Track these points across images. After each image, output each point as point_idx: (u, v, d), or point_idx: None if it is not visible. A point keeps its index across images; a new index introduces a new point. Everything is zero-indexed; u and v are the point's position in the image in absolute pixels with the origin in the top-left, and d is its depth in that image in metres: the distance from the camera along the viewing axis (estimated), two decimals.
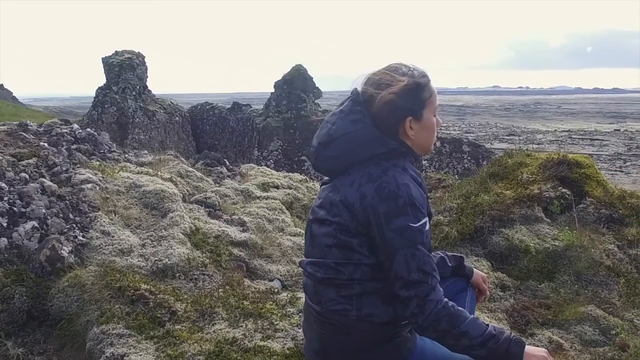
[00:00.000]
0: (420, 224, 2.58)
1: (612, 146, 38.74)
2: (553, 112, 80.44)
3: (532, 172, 6.57)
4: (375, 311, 2.69)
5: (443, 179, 7.75)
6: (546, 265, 5.53)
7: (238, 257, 4.71)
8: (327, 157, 2.82)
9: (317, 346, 2.88)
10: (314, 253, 2.84)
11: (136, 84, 22.47)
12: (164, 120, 22.84)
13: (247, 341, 3.54)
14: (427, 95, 2.80)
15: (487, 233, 5.78)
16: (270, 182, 6.39)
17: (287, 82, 21.87)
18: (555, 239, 5.73)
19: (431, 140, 2.90)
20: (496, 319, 4.77)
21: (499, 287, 5.26)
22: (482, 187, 6.43)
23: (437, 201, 6.56)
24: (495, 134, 47.08)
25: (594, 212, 6.20)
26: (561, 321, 4.89)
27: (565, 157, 6.65)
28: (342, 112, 2.81)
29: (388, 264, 2.59)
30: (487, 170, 6.86)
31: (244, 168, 7.08)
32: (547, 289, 5.31)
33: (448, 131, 46.00)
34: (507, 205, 6.04)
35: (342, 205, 2.67)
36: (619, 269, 5.57)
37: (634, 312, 5.14)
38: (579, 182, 6.45)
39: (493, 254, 5.67)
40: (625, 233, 5.99)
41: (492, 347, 2.57)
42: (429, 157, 19.90)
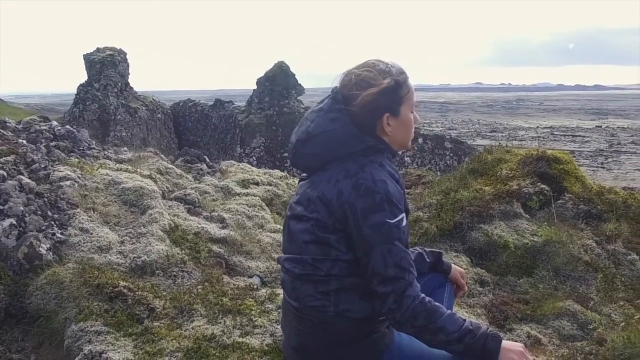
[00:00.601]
0: (397, 219, 2.59)
1: (593, 142, 39.00)
2: (535, 108, 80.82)
3: (511, 168, 6.60)
4: (353, 307, 2.70)
5: (423, 175, 7.78)
6: (525, 260, 5.56)
7: (217, 254, 4.70)
8: (305, 154, 2.83)
9: (295, 342, 2.89)
10: (291, 249, 2.85)
11: (118, 80, 22.40)
12: (146, 117, 22.80)
13: (225, 338, 3.54)
14: (404, 92, 2.81)
15: (466, 229, 5.81)
16: (250, 179, 6.38)
17: (269, 79, 21.88)
18: (534, 235, 5.76)
19: (409, 136, 2.91)
20: (475, 315, 4.79)
21: (478, 282, 5.28)
22: (462, 183, 6.46)
23: (416, 197, 6.59)
24: (477, 130, 47.27)
25: (572, 207, 6.25)
26: (539, 316, 4.92)
27: (544, 153, 6.69)
28: (322, 110, 2.81)
29: (365, 260, 2.60)
30: (467, 167, 6.89)
31: (224, 165, 7.07)
32: (525, 284, 5.34)
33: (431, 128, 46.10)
34: (487, 201, 6.07)
35: (320, 201, 2.68)
36: (597, 264, 5.61)
37: (612, 306, 5.17)
38: (558, 178, 6.49)
39: (472, 250, 5.70)
40: (604, 228, 6.04)
41: (469, 342, 2.59)
42: (411, 153, 19.97)
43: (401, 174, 7.10)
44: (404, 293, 2.56)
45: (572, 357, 4.39)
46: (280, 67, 22.19)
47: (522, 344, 2.85)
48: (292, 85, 21.83)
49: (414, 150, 19.96)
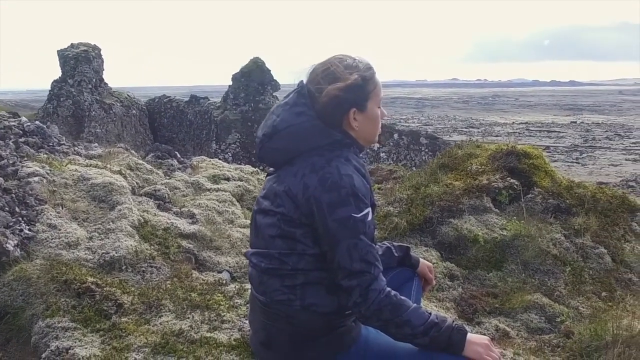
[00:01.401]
0: (362, 214, 2.60)
1: (568, 138, 39.24)
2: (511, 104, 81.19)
3: (481, 163, 6.64)
4: (319, 301, 2.71)
5: (394, 171, 7.81)
6: (494, 254, 5.61)
7: (187, 249, 4.70)
8: (271, 149, 2.83)
9: (262, 336, 2.89)
10: (258, 244, 2.85)
11: (92, 76, 22.24)
12: (120, 113, 22.67)
13: (193, 333, 3.54)
14: (371, 87, 2.81)
15: (436, 223, 5.84)
16: (221, 175, 6.37)
17: (244, 75, 21.81)
18: (504, 229, 5.81)
19: (375, 131, 2.91)
20: (444, 308, 4.82)
21: (448, 276, 5.32)
22: (432, 178, 6.49)
23: (387, 192, 6.60)
24: (453, 126, 47.42)
25: (541, 202, 6.30)
26: (508, 309, 4.96)
27: (514, 148, 6.74)
28: (287, 104, 2.82)
29: (331, 254, 2.60)
30: (437, 162, 6.92)
31: (195, 160, 7.05)
32: (495, 278, 5.39)
33: (407, 124, 46.26)
34: (457, 195, 6.11)
35: (286, 195, 2.68)
36: (565, 257, 5.67)
37: (579, 299, 5.23)
38: (528, 172, 6.54)
39: (442, 244, 5.73)
40: (572, 222, 6.10)
41: (435, 335, 2.60)
42: (387, 149, 20.00)
43: (373, 168, 7.11)
44: (370, 287, 2.57)
45: (540, 349, 4.43)
46: (255, 62, 22.13)
47: (487, 336, 2.88)
48: (267, 81, 21.78)
49: (390, 146, 20.00)
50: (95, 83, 22.33)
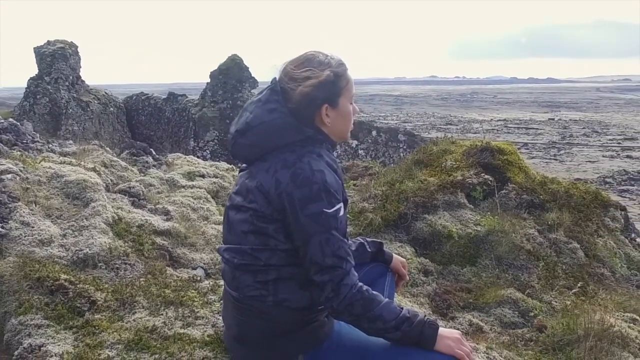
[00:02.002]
0: (334, 209, 2.62)
1: (546, 135, 39.43)
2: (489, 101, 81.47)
3: (456, 159, 6.69)
4: (292, 296, 2.73)
5: (370, 167, 7.84)
6: (468, 250, 5.66)
7: (161, 246, 4.68)
8: (243, 145, 2.84)
9: (235, 332, 2.91)
10: (231, 239, 2.86)
11: (69, 74, 22.11)
12: (98, 111, 22.54)
13: (167, 329, 3.53)
14: (343, 83, 2.84)
15: (410, 219, 5.87)
16: (196, 171, 6.36)
17: (222, 72, 21.75)
18: (478, 225, 5.86)
19: (347, 127, 2.94)
20: (418, 304, 4.85)
21: (422, 272, 5.35)
22: (407, 174, 6.52)
23: (362, 188, 6.63)
24: (432, 123, 47.53)
25: (515, 197, 6.35)
26: (482, 304, 5.01)
27: (489, 144, 6.79)
28: (260, 100, 2.84)
29: (303, 249, 2.63)
30: (412, 158, 6.96)
31: (170, 157, 7.04)
32: (469, 273, 5.43)
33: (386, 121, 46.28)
34: (431, 191, 6.15)
35: (258, 191, 2.70)
36: (538, 252, 5.72)
37: (552, 294, 5.28)
38: (502, 168, 6.60)
39: (417, 240, 5.77)
40: (546, 218, 6.16)
41: (406, 329, 2.63)
42: (365, 146, 20.04)
43: (348, 165, 7.14)
44: (342, 282, 2.59)
45: (513, 343, 4.47)
46: (233, 60, 22.06)
47: (459, 330, 2.91)
48: (245, 78, 21.73)
49: (368, 143, 20.04)
50: (72, 80, 22.20)
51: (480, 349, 4.09)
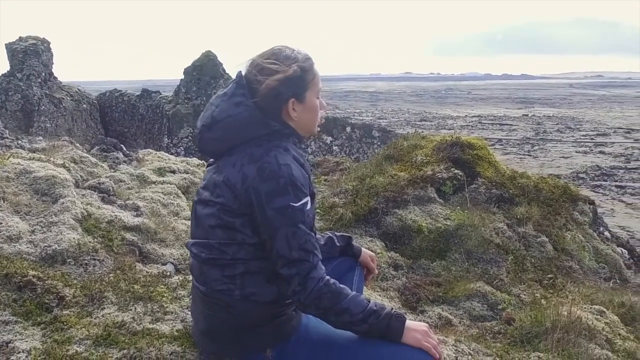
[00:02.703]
0: (301, 203, 2.63)
1: (520, 131, 39.66)
2: (464, 97, 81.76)
3: (426, 154, 6.73)
4: (259, 290, 2.74)
5: (341, 162, 7.86)
6: (438, 244, 5.69)
7: (131, 242, 4.67)
8: (210, 139, 2.85)
9: (203, 326, 2.92)
10: (198, 234, 2.87)
11: (41, 70, 21.91)
12: (71, 107, 22.37)
13: (135, 324, 3.52)
14: (310, 78, 2.85)
15: (381, 214, 5.90)
16: (166, 167, 6.34)
17: (196, 69, 21.67)
18: (447, 219, 5.90)
19: (314, 121, 2.95)
20: (388, 297, 4.88)
21: (392, 266, 5.38)
22: (378, 169, 6.55)
23: (333, 184, 6.65)
24: (407, 119, 47.62)
25: (485, 192, 6.41)
26: (451, 298, 5.04)
27: (459, 139, 6.84)
28: (226, 94, 2.84)
29: (270, 243, 2.63)
30: (383, 153, 7.00)
31: (140, 153, 7.01)
32: (438, 267, 5.47)
33: (361, 117, 46.36)
34: (401, 186, 6.18)
35: (225, 186, 2.71)
36: (507, 246, 5.78)
37: (521, 287, 5.34)
38: (471, 163, 6.65)
39: (387, 234, 5.79)
40: (515, 212, 6.22)
41: (373, 322, 2.65)
42: (339, 142, 20.07)
43: (319, 160, 7.16)
44: (308, 275, 2.61)
45: (481, 336, 4.51)
46: (207, 56, 21.97)
47: (426, 323, 2.93)
48: (219, 75, 21.63)
49: (342, 139, 20.08)
50: (44, 77, 22.01)
51: (448, 341, 4.12)
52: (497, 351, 4.15)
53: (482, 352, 4.12)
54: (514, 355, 4.13)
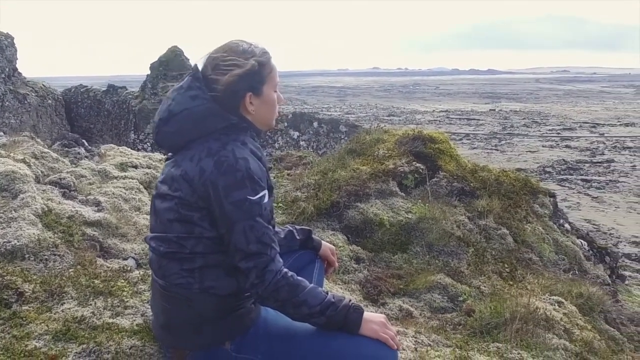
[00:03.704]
0: (258, 196, 2.65)
1: (487, 125, 39.95)
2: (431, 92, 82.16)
3: (388, 148, 6.77)
4: (218, 283, 2.75)
5: (304, 157, 7.87)
6: (400, 237, 5.73)
7: (92, 237, 4.65)
8: (167, 133, 2.85)
9: (162, 320, 2.92)
10: (157, 228, 2.87)
11: (5, 66, 21.63)
12: (35, 103, 22.12)
13: (95, 319, 3.52)
14: (267, 71, 2.86)
15: (343, 208, 5.93)
16: (128, 162, 6.31)
17: (162, 64, 21.54)
18: (409, 212, 5.94)
19: (272, 115, 2.97)
20: (349, 290, 4.91)
21: (354, 259, 5.41)
22: (340, 164, 6.58)
23: (296, 178, 6.67)
24: (375, 114, 47.74)
25: (446, 185, 6.47)
26: (412, 290, 5.09)
27: (420, 133, 6.90)
28: (182, 87, 2.85)
29: (228, 236, 2.65)
30: (346, 147, 7.04)
31: (103, 148, 6.96)
32: (400, 260, 5.51)
33: (329, 112, 46.40)
34: (363, 180, 6.21)
35: (183, 179, 2.71)
36: (468, 239, 5.84)
37: (481, 279, 5.40)
38: (433, 156, 6.71)
39: (349, 228, 5.82)
40: (476, 205, 6.28)
41: (331, 314, 2.67)
42: (307, 137, 20.08)
43: (283, 155, 7.17)
44: (266, 268, 2.63)
45: (442, 328, 4.57)
46: (174, 51, 21.85)
47: (384, 315, 2.96)
48: (186, 70, 21.45)
49: (310, 135, 20.09)
50: (8, 73, 21.72)
51: (408, 333, 4.16)
52: (457, 342, 4.20)
53: (442, 343, 4.17)
54: (473, 345, 4.18)
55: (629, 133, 35.35)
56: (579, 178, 22.06)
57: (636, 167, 24.38)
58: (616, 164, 25.08)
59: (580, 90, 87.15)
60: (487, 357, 3.97)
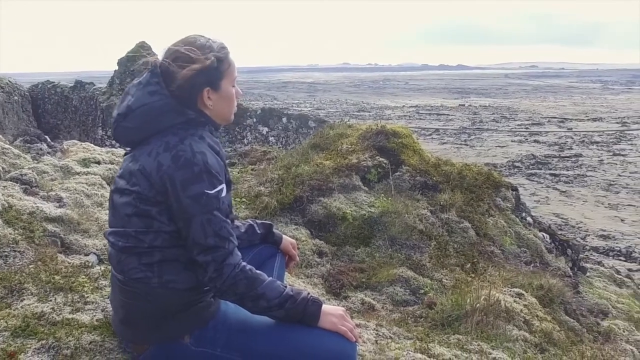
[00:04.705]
0: (216, 190, 2.66)
1: (457, 121, 40.19)
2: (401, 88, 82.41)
3: (351, 142, 6.80)
4: (177, 277, 2.76)
5: (268, 152, 7.88)
6: (363, 231, 5.77)
7: (53, 233, 4.62)
8: (125, 128, 2.85)
9: (121, 315, 2.92)
10: (115, 223, 2.87)
11: None
12: (1, 100, 21.84)
13: (55, 315, 3.51)
14: (225, 67, 2.87)
15: (306, 202, 5.95)
16: (91, 158, 6.28)
17: (130, 59, 21.37)
18: (372, 206, 5.98)
19: (230, 110, 2.98)
20: (312, 284, 4.93)
21: (317, 253, 5.44)
22: (304, 158, 6.60)
23: (260, 173, 6.67)
24: (345, 110, 47.80)
25: (409, 179, 6.52)
26: (374, 283, 5.12)
27: (384, 128, 6.94)
28: (140, 83, 2.85)
29: (186, 230, 2.66)
30: (309, 142, 7.06)
31: (65, 144, 6.92)
32: (362, 253, 5.54)
33: (299, 108, 46.39)
34: (327, 175, 6.24)
35: (141, 174, 2.71)
36: (431, 232, 5.89)
37: (443, 272, 5.45)
38: (396, 151, 6.75)
39: (312, 222, 5.85)
40: (439, 198, 6.34)
41: (290, 307, 2.70)
42: (275, 133, 20.07)
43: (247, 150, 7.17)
44: (224, 262, 2.64)
45: (403, 320, 4.61)
46: (142, 47, 21.65)
47: (342, 307, 2.99)
48: None
49: (279, 130, 20.09)
50: None
51: (370, 326, 4.19)
52: (418, 334, 4.24)
53: (403, 335, 4.21)
54: (434, 337, 4.22)
55: (596, 128, 35.77)
56: (547, 172, 22.31)
57: (603, 161, 24.71)
58: (584, 158, 25.40)
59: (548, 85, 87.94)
60: (448, 348, 4.01)
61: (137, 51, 21.64)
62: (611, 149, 27.96)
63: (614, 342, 5.35)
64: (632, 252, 13.45)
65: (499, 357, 4.02)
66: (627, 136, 32.39)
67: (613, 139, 31.51)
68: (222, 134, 18.67)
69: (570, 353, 4.59)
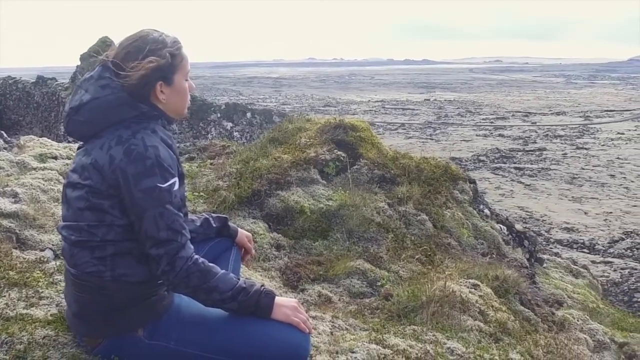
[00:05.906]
0: (168, 184, 2.66)
1: (422, 115, 40.45)
2: (367, 83, 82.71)
3: (310, 136, 6.82)
4: (130, 271, 2.76)
5: (227, 146, 7.86)
6: (320, 224, 5.80)
7: (8, 229, 4.60)
8: (77, 122, 2.84)
9: (75, 308, 2.91)
10: (68, 217, 2.86)
11: None
12: None
13: (9, 310, 3.50)
14: (178, 61, 2.87)
15: (264, 196, 5.96)
16: (48, 153, 6.24)
17: (93, 55, 21.19)
18: (330, 200, 6.01)
19: (183, 103, 2.98)
20: (269, 277, 4.95)
21: (274, 247, 5.45)
22: (262, 152, 6.61)
23: (218, 167, 6.67)
24: (311, 105, 47.87)
25: (367, 172, 6.57)
26: (331, 276, 5.16)
27: (342, 122, 6.97)
28: (92, 77, 2.84)
29: (138, 223, 2.66)
30: (268, 136, 7.07)
31: (22, 140, 6.87)
32: (320, 246, 5.57)
33: (265, 103, 46.33)
34: (285, 168, 6.26)
35: (93, 168, 2.70)
36: (388, 225, 5.93)
37: (400, 264, 5.50)
38: (354, 144, 6.79)
39: (270, 216, 5.86)
40: (396, 191, 6.38)
41: (243, 299, 2.72)
42: (240, 128, 20.04)
43: (206, 144, 7.17)
44: (177, 255, 2.65)
45: (360, 312, 4.64)
46: (104, 42, 21.49)
47: (296, 299, 3.02)
48: None
49: (243, 125, 20.06)
50: None
51: (326, 318, 4.22)
52: (374, 326, 4.27)
53: (359, 327, 4.24)
54: (390, 329, 4.25)
55: (560, 122, 36.21)
56: (512, 166, 22.59)
57: (567, 155, 25.06)
58: (548, 152, 25.74)
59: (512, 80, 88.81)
60: (403, 339, 4.04)
61: (100, 46, 21.47)
62: (574, 143, 28.37)
63: (569, 331, 5.44)
64: (595, 245, 13.69)
65: (453, 347, 4.07)
66: (590, 130, 32.84)
67: (576, 132, 31.95)
68: (186, 129, 18.62)
69: (524, 342, 4.65)
